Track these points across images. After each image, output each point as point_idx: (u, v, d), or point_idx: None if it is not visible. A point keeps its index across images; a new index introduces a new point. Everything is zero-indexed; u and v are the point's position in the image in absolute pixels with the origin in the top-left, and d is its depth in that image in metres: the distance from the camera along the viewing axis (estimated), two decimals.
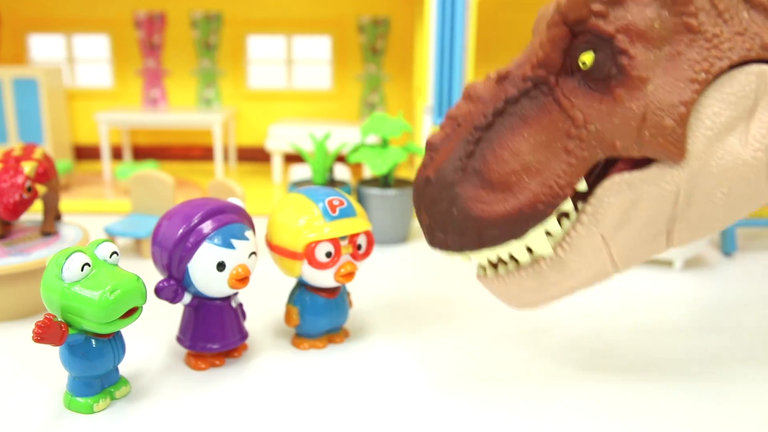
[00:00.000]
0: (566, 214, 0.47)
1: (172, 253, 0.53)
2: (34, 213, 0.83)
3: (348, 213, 0.58)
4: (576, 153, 0.44)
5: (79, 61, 1.48)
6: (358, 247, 0.58)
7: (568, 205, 0.46)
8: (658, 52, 0.44)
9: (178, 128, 1.44)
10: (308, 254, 0.55)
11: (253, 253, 0.55)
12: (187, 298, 0.55)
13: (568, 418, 0.50)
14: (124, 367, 0.55)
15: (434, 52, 1.02)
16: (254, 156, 1.50)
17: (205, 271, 0.53)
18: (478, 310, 0.70)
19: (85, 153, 1.50)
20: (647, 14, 0.44)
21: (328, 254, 0.56)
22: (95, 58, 1.47)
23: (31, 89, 1.29)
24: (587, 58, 0.44)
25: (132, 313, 0.48)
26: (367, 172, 1.26)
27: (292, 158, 1.43)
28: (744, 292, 0.77)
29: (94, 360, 0.49)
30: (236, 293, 0.57)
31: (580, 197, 0.47)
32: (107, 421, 0.49)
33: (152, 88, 1.48)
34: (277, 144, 1.31)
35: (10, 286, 0.66)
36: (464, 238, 0.46)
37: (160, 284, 0.53)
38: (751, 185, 0.46)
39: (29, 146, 0.74)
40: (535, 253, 0.47)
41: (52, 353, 0.58)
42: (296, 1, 1.43)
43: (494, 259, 0.48)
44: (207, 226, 0.53)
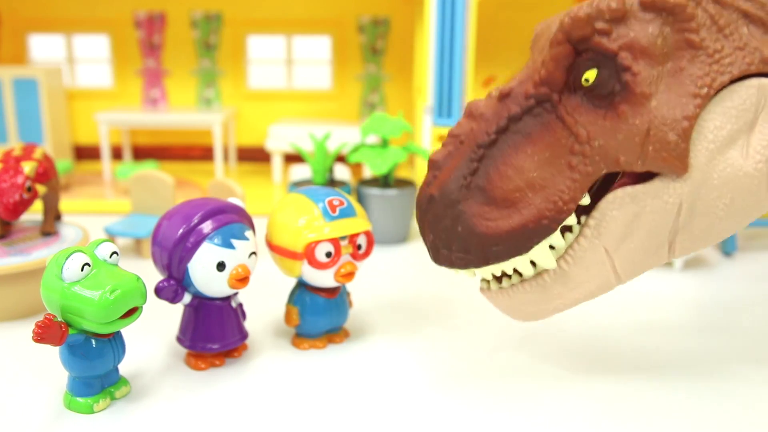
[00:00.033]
0: (569, 228, 0.47)
1: (172, 253, 0.53)
2: (34, 213, 0.83)
3: (348, 213, 0.58)
4: (580, 169, 0.44)
5: (79, 61, 1.48)
6: (358, 247, 0.58)
7: (571, 219, 0.46)
8: (661, 68, 0.44)
9: (178, 128, 1.44)
10: (308, 254, 0.55)
11: (253, 253, 0.55)
12: (187, 298, 0.55)
13: (567, 418, 0.50)
14: (124, 367, 0.55)
15: (434, 52, 1.02)
16: (254, 156, 1.50)
17: (205, 271, 0.53)
18: (478, 310, 0.70)
19: (85, 153, 1.50)
20: (650, 31, 0.44)
21: (328, 254, 0.56)
22: (95, 58, 1.47)
23: (31, 89, 1.29)
24: (591, 75, 0.44)
25: (132, 313, 0.48)
26: (367, 172, 1.26)
27: (292, 158, 1.43)
28: (744, 292, 0.77)
29: (94, 360, 0.49)
30: (236, 293, 0.57)
31: (583, 210, 0.47)
32: (107, 421, 0.49)
33: (152, 88, 1.48)
34: (277, 144, 1.31)
35: (10, 286, 0.66)
36: (469, 255, 0.46)
37: (160, 284, 0.53)
38: (753, 196, 0.46)
39: (29, 146, 0.74)
40: (539, 267, 0.48)
41: (52, 353, 0.58)
42: (296, 1, 1.43)
43: (498, 273, 0.48)
44: (207, 226, 0.53)
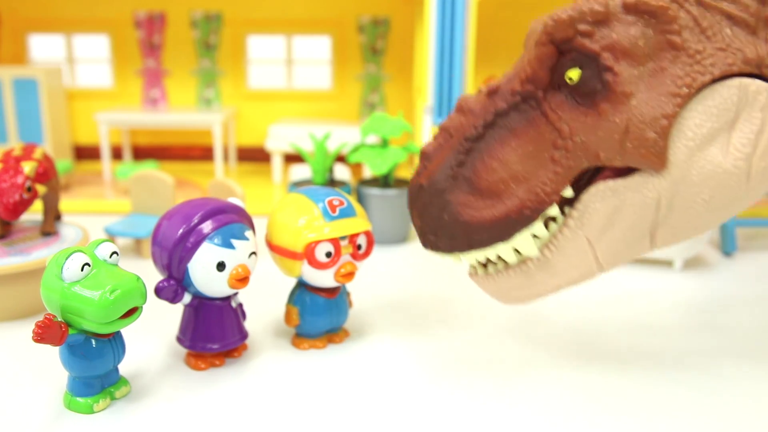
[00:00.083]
0: (554, 219, 0.49)
1: (172, 253, 0.53)
2: (34, 213, 0.83)
3: (348, 213, 0.58)
4: (562, 162, 0.46)
5: (79, 61, 1.48)
6: (358, 247, 0.58)
7: (554, 210, 0.48)
8: (642, 68, 0.45)
9: (178, 128, 1.44)
10: (308, 254, 0.55)
11: (253, 253, 0.55)
12: (187, 298, 0.55)
13: (568, 416, 0.50)
14: (124, 367, 0.55)
15: (434, 52, 1.02)
16: (254, 156, 1.50)
17: (205, 271, 0.53)
18: (478, 310, 0.70)
19: (85, 153, 1.50)
20: (632, 33, 0.45)
21: (328, 254, 0.56)
22: (95, 58, 1.47)
23: (31, 89, 1.29)
24: (574, 74, 0.46)
25: (132, 313, 0.48)
26: (367, 172, 1.26)
27: (292, 158, 1.43)
28: (744, 292, 0.77)
29: (94, 360, 0.49)
30: (236, 293, 0.57)
31: (567, 202, 0.49)
32: (107, 421, 0.49)
33: (152, 88, 1.48)
34: (277, 144, 1.31)
35: (10, 286, 0.66)
36: (454, 241, 0.48)
37: (160, 284, 0.53)
38: (732, 193, 0.48)
39: (29, 146, 0.74)
40: (523, 255, 0.49)
41: (52, 353, 0.58)
42: (296, 1, 1.43)
43: (483, 260, 0.50)
44: (207, 226, 0.53)
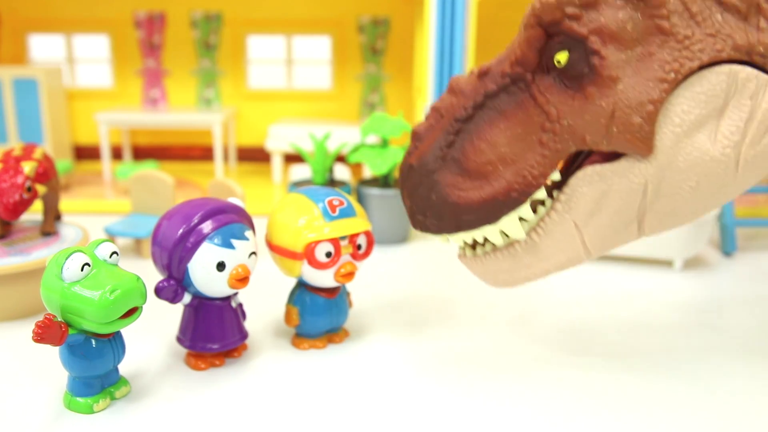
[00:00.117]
0: (542, 202, 0.50)
1: (172, 253, 0.53)
2: (34, 213, 0.83)
3: (348, 213, 0.58)
4: (549, 145, 0.46)
5: (79, 61, 1.48)
6: (358, 247, 0.58)
7: (542, 194, 0.48)
8: (630, 52, 0.45)
9: (178, 128, 1.44)
10: (308, 254, 0.55)
11: (253, 253, 0.55)
12: (187, 298, 0.55)
13: (568, 416, 0.50)
14: (124, 367, 0.55)
15: (434, 52, 1.02)
16: (254, 156, 1.50)
17: (205, 271, 0.53)
18: (478, 310, 0.70)
19: (85, 153, 1.50)
20: (620, 16, 0.45)
21: (328, 254, 0.56)
22: (95, 58, 1.47)
23: (31, 89, 1.29)
24: (562, 57, 0.46)
25: (132, 313, 0.48)
26: (367, 172, 1.26)
27: (292, 158, 1.43)
28: (744, 292, 0.77)
29: (94, 360, 0.49)
30: (236, 293, 0.57)
31: (556, 186, 0.50)
32: (107, 421, 0.49)
33: (152, 88, 1.48)
34: (277, 144, 1.31)
35: (10, 286, 0.66)
36: (442, 222, 0.48)
37: (160, 284, 0.53)
38: (719, 180, 0.47)
39: (29, 146, 0.74)
40: (510, 237, 0.50)
41: (52, 353, 0.58)
42: (296, 1, 1.43)
43: (470, 241, 0.51)
44: (207, 226, 0.53)
